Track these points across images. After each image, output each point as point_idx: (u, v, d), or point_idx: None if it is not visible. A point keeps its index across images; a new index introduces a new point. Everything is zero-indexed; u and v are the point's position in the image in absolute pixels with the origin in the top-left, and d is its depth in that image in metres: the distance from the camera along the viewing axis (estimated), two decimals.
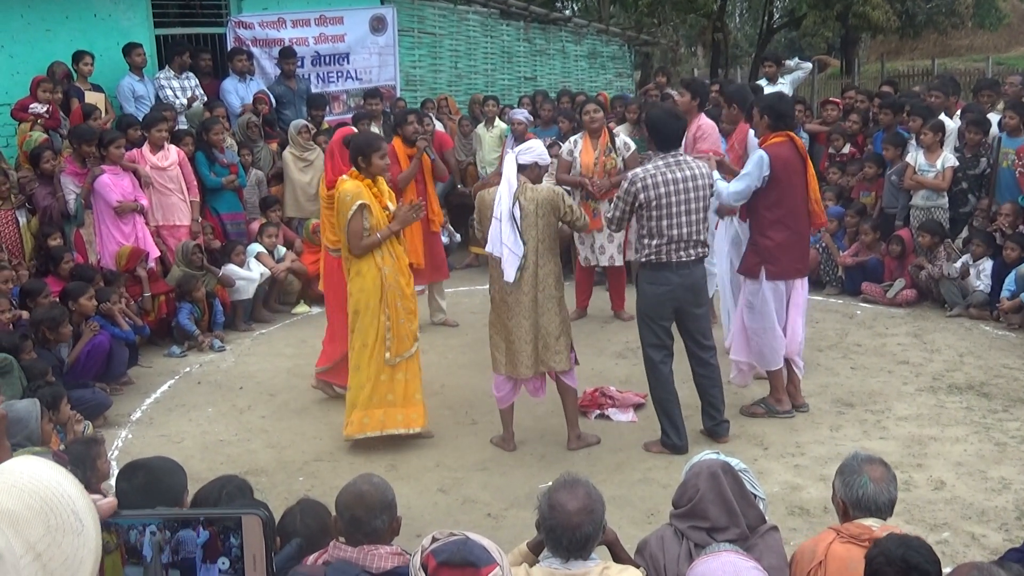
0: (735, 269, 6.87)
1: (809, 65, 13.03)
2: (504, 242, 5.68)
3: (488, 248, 5.77)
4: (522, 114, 10.73)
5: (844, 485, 3.37)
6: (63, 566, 1.26)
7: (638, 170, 5.86)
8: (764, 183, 6.20)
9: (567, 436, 6.20)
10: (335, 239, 6.64)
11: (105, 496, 1.56)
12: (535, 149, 5.93)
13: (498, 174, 6.00)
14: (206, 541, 1.48)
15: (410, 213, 6.08)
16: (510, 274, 5.72)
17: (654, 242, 5.80)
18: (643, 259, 5.91)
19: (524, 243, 5.72)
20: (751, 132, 7.29)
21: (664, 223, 5.74)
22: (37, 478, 1.31)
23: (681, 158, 5.89)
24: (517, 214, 5.69)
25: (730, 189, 6.26)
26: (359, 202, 5.89)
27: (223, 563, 1.49)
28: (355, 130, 6.87)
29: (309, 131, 10.33)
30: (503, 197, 5.72)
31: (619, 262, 8.82)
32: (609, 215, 6.09)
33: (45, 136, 9.03)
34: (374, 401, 6.12)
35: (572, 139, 8.88)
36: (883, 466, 3.40)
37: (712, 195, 6.00)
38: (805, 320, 6.79)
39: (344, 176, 6.11)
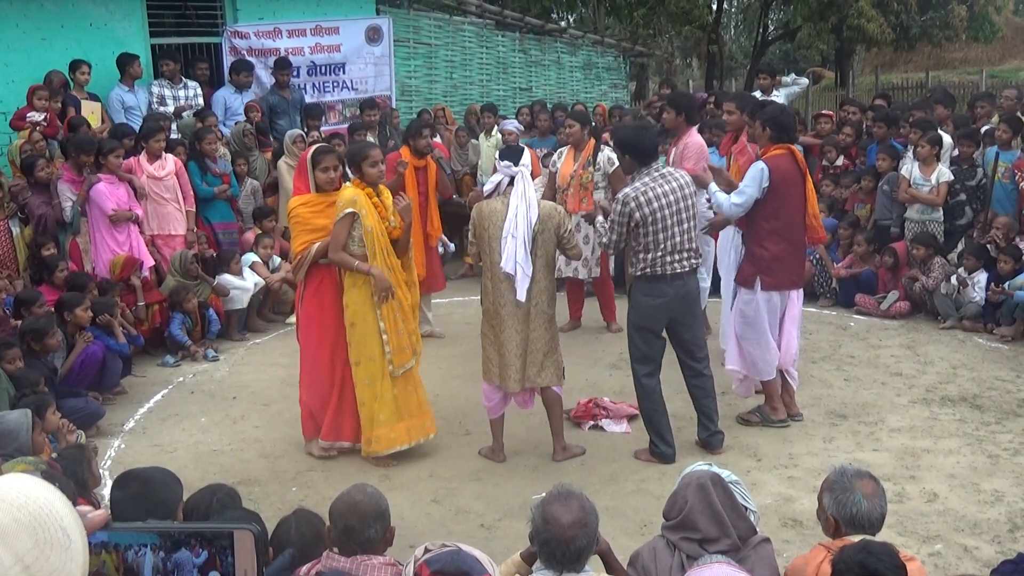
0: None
1: (805, 81, 13.06)
2: (518, 262, 5.70)
3: (503, 265, 5.74)
4: (512, 124, 10.74)
5: (836, 503, 3.32)
6: None
7: (627, 190, 5.81)
8: (763, 194, 6.23)
9: (552, 448, 6.22)
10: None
11: (97, 505, 1.57)
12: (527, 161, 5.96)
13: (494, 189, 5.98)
14: (203, 562, 1.50)
15: (382, 285, 5.90)
16: (522, 294, 5.76)
17: (649, 256, 5.81)
18: (638, 272, 5.92)
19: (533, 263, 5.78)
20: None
21: (660, 236, 5.76)
22: (26, 493, 1.32)
23: (665, 171, 5.92)
24: (529, 235, 5.72)
25: (732, 201, 6.29)
26: (349, 209, 5.84)
27: None
28: (309, 149, 6.59)
29: (304, 141, 10.34)
30: (519, 216, 5.71)
31: (595, 274, 8.78)
32: (604, 240, 6.05)
33: (23, 140, 9.01)
34: (398, 414, 6.10)
35: (559, 151, 8.98)
36: (873, 480, 3.37)
37: (695, 202, 6.00)
38: (800, 331, 6.82)
39: (347, 184, 6.06)
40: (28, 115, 9.22)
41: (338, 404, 6.23)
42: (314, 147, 6.41)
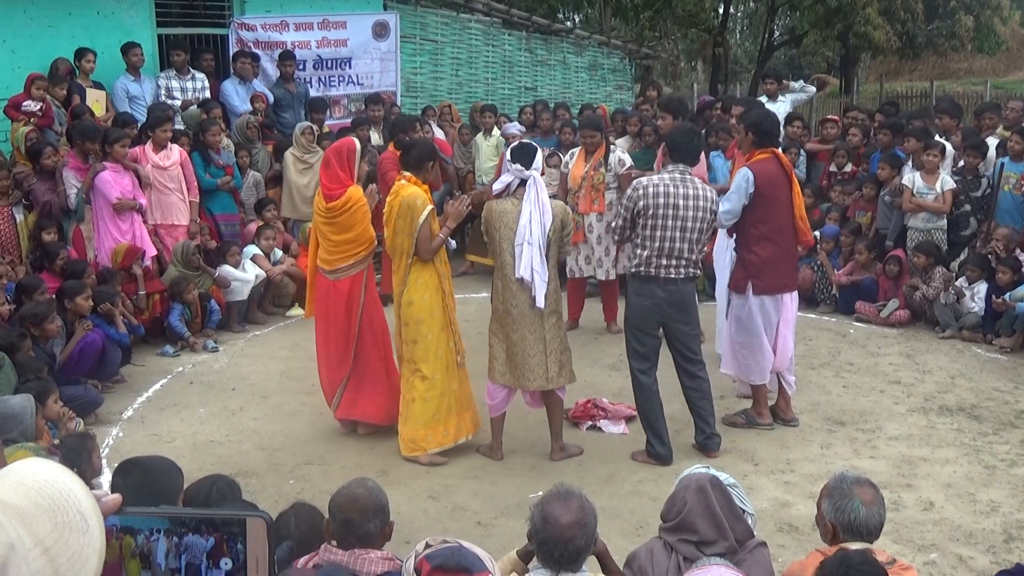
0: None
1: (813, 89, 13.05)
2: (535, 268, 5.71)
3: (520, 273, 5.74)
4: (515, 127, 10.74)
5: (835, 509, 3.31)
6: (70, 562, 1.28)
7: (642, 178, 5.95)
8: (750, 199, 6.24)
9: (550, 447, 6.22)
10: (333, 258, 6.30)
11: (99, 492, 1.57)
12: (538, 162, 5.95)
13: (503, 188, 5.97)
14: (211, 548, 1.50)
15: (460, 208, 6.11)
16: (540, 300, 5.78)
17: (644, 253, 5.86)
18: (632, 269, 5.98)
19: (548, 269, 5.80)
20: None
21: (657, 234, 5.80)
22: (44, 478, 1.33)
23: (689, 176, 5.94)
24: (544, 241, 5.73)
25: (720, 208, 6.30)
26: (431, 207, 5.96)
27: (226, 563, 1.50)
28: (355, 140, 6.58)
29: (313, 133, 10.35)
30: (534, 223, 5.70)
31: (611, 276, 8.83)
32: (613, 223, 6.12)
33: (31, 128, 9.00)
34: (455, 409, 6.15)
35: (571, 151, 8.99)
36: (872, 488, 3.37)
37: (714, 220, 6.02)
38: (795, 336, 6.83)
39: (403, 180, 6.05)
40: (24, 104, 9.18)
41: (357, 383, 6.43)
42: (357, 141, 6.60)
